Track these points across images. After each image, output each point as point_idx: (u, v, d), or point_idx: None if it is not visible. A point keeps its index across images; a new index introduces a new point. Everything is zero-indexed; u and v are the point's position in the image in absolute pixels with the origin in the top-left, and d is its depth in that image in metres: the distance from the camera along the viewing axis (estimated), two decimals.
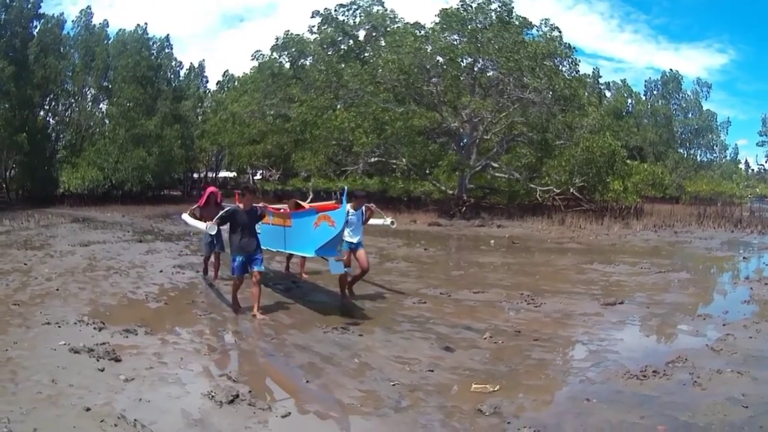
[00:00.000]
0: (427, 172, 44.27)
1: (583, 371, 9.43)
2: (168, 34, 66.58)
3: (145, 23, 64.36)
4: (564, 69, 45.01)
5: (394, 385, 8.34)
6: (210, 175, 71.06)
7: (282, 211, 15.06)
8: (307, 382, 8.48)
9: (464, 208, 39.84)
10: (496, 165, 42.37)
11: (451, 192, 41.95)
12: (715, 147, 72.01)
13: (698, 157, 72.00)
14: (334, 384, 8.40)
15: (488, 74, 42.53)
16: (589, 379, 9.06)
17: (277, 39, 57.02)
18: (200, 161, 68.25)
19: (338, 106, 46.16)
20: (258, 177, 62.99)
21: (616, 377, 8.98)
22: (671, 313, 13.53)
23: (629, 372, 9.12)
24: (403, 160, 41.21)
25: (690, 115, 71.01)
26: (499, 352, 10.23)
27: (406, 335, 11.18)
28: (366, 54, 53.22)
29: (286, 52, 57.37)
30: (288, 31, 56.50)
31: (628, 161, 46.56)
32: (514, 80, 39.50)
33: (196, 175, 70.34)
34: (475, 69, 42.71)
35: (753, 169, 63.49)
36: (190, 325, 11.49)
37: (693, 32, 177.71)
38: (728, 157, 74.09)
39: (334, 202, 15.61)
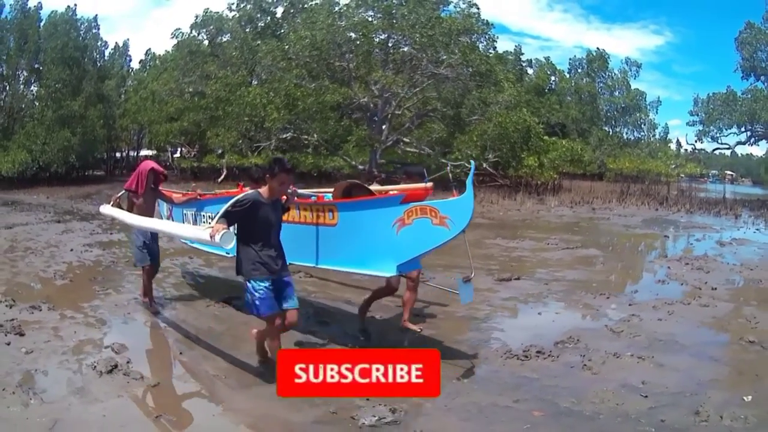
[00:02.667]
0: (339, 147, 44.10)
1: (458, 348, 9.09)
2: (96, 15, 66.17)
3: (75, 4, 62.86)
4: (481, 45, 45.31)
5: (261, 360, 8.26)
6: (132, 154, 69.96)
7: (314, 199, 9.62)
8: (181, 353, 8.66)
9: (374, 183, 38.57)
10: (407, 140, 42.70)
11: (361, 167, 41.73)
12: (643, 125, 71.40)
13: (625, 135, 71.73)
14: (206, 357, 8.57)
15: (402, 50, 42.46)
16: (463, 356, 8.69)
17: (197, 17, 56.16)
18: (122, 140, 67.32)
19: (253, 83, 46.70)
20: (177, 155, 62.21)
21: (495, 356, 8.69)
22: (571, 291, 13.14)
23: (510, 351, 8.82)
24: (315, 135, 41.13)
25: (616, 94, 70.85)
26: (374, 325, 10.14)
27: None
28: (282, 31, 52.95)
29: (204, 30, 56.36)
30: (207, 9, 55.72)
31: (546, 137, 47.36)
32: (428, 56, 39.62)
33: (118, 155, 69.29)
34: (389, 45, 42.80)
35: (686, 149, 63.61)
36: (87, 300, 11.49)
37: (627, 13, 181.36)
38: (657, 136, 74.15)
39: (424, 186, 9.23)
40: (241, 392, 7.25)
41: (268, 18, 55.23)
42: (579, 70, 73.07)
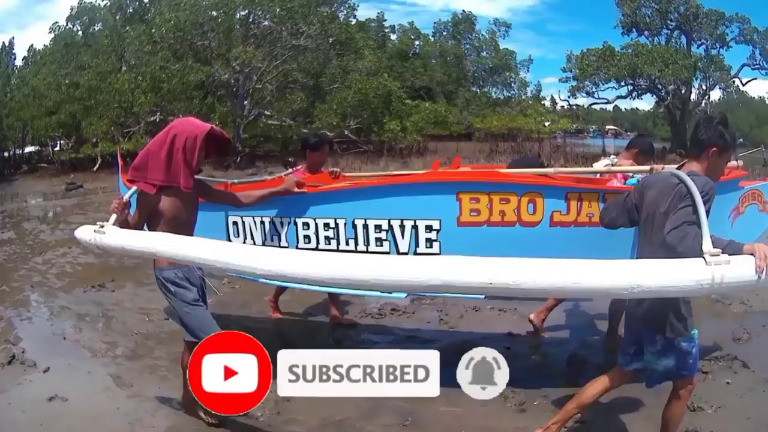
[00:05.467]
0: None
1: (315, 310, 9.29)
2: None
3: None
4: (342, 15, 46.72)
5: (133, 335, 8.74)
6: (17, 152, 69.31)
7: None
8: (65, 338, 8.76)
9: (239, 158, 39.97)
10: (268, 113, 43.31)
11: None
12: (513, 84, 71.56)
13: (494, 94, 71.81)
14: (86, 338, 8.71)
15: (263, 24, 43.19)
16: (315, 321, 9.02)
17: (72, 9, 56.01)
18: (9, 139, 66.58)
19: (123, 69, 46.30)
20: (57, 148, 61.69)
21: (350, 317, 8.91)
22: None
23: (365, 311, 9.16)
24: (180, 116, 40.35)
25: (484, 54, 71.22)
26: (234, 296, 10.40)
27: (152, 287, 10.55)
28: (148, 15, 52.78)
29: (79, 21, 56.11)
30: (81, 0, 55.00)
31: (408, 101, 48.35)
32: (287, 29, 40.52)
33: (6, 154, 68.54)
34: (250, 20, 43.47)
35: (562, 106, 63.22)
36: None
37: None
38: (529, 94, 73.38)
39: (736, 164, 6.65)
40: (117, 369, 7.55)
41: (137, 3, 55.26)
42: (444, 33, 73.29)
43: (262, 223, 6.64)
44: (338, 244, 6.29)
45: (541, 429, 5.12)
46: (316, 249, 6.30)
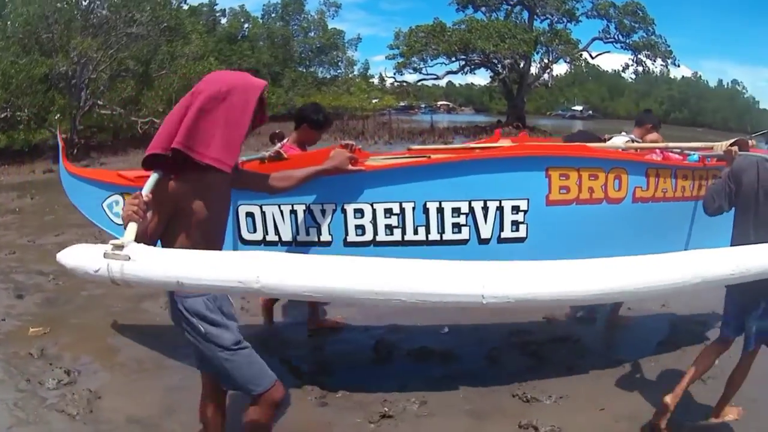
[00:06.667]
0: (46, 119, 43.26)
1: (161, 309, 8.80)
2: None
3: None
4: (174, 1, 48.55)
5: None
6: None
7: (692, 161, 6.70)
8: None
9: (75, 150, 39.66)
10: (101, 102, 43.55)
11: (64, 136, 40.66)
12: (340, 63, 73.00)
13: (320, 74, 73.07)
14: None
15: (101, 13, 43.50)
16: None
17: None
18: None
19: None
20: None
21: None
22: None
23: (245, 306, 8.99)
24: (25, 110, 40.91)
25: (311, 35, 71.80)
26: (59, 293, 10.08)
27: None
28: (6, 10, 49.77)
29: None
30: None
31: None
32: (122, 17, 41.68)
33: None
34: (90, 10, 43.88)
35: (392, 83, 64.66)
36: None
37: None
38: (356, 72, 75.38)
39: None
40: None
41: None
42: (273, 15, 73.86)
43: (293, 212, 5.52)
44: (404, 233, 5.55)
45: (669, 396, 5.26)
46: (374, 241, 5.55)
